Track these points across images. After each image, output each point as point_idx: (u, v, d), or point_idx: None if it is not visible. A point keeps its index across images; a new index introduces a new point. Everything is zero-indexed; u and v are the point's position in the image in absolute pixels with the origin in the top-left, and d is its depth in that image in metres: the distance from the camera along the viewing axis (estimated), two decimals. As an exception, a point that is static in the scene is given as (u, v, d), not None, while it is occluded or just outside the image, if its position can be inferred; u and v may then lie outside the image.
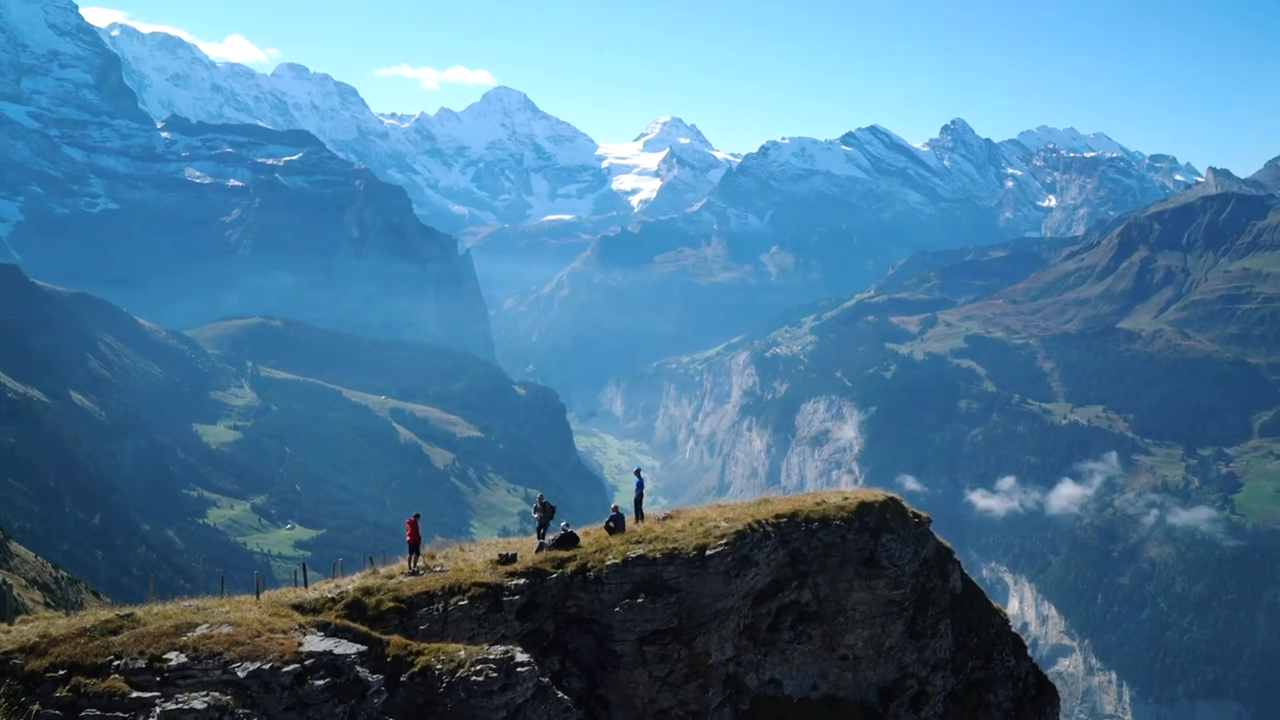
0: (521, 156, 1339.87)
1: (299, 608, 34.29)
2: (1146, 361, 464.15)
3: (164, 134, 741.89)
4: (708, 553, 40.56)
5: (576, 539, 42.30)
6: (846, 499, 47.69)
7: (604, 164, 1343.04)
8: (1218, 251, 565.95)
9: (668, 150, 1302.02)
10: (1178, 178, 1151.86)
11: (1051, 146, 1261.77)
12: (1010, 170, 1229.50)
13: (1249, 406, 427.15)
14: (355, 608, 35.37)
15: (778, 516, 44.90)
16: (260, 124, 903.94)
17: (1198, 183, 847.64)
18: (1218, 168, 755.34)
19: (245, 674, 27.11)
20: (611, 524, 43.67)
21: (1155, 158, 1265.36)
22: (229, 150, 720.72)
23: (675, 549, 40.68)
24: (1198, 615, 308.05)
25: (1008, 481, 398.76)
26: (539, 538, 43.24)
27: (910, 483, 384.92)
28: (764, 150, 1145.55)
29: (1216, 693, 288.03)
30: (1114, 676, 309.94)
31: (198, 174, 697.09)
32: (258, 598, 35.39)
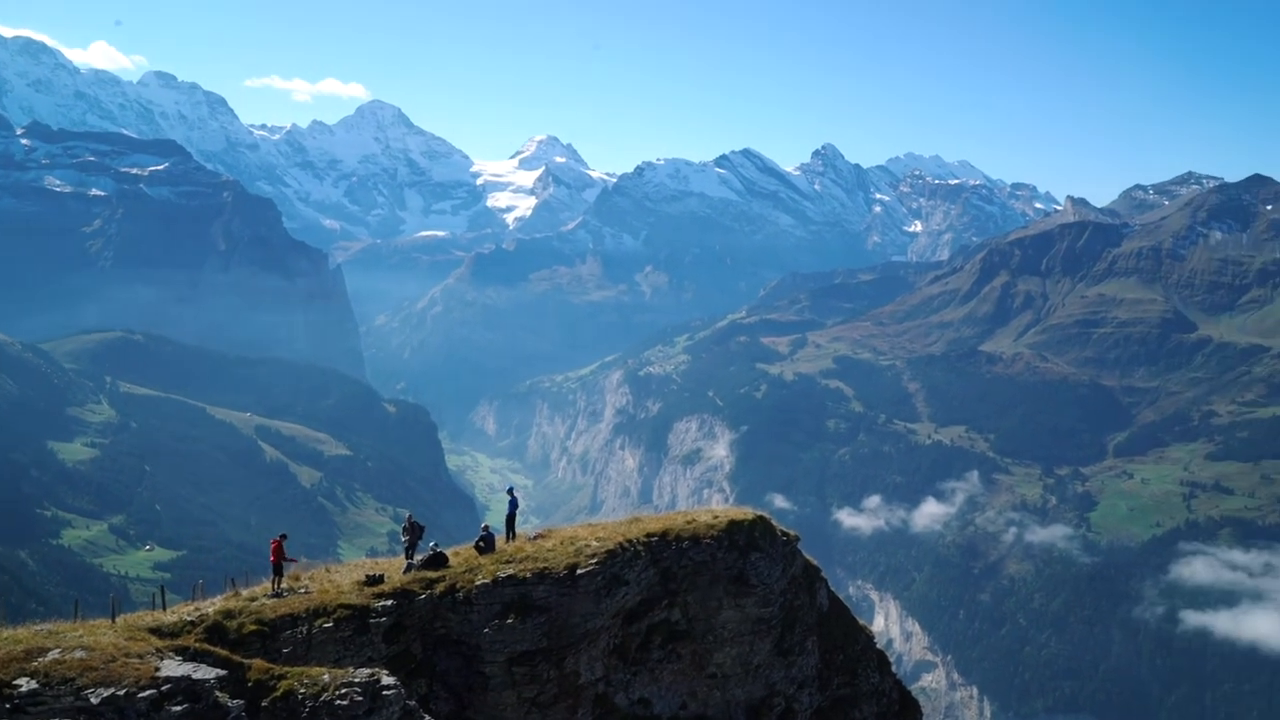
0: (395, 171, 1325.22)
1: (156, 631, 33.31)
2: (1007, 383, 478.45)
3: (23, 141, 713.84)
4: (578, 572, 40.51)
5: (446, 559, 41.88)
6: (717, 517, 48.03)
7: (479, 181, 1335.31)
8: (1075, 277, 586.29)
9: (543, 169, 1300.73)
10: (1038, 205, 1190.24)
11: (918, 173, 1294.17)
12: (878, 195, 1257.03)
13: (1103, 427, 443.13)
14: (216, 631, 34.48)
15: (649, 535, 45.06)
16: (125, 133, 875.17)
17: (1056, 211, 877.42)
18: (1076, 196, 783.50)
19: (99, 700, 26.21)
20: (481, 544, 43.36)
21: (1016, 186, 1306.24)
22: (91, 159, 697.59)
23: (546, 568, 40.57)
24: (1055, 631, 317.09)
25: (874, 500, 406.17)
26: (407, 558, 42.68)
27: (780, 501, 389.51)
28: (639, 171, 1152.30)
29: (1074, 707, 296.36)
30: (975, 691, 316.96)
31: (58, 182, 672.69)
32: (113, 621, 34.24)
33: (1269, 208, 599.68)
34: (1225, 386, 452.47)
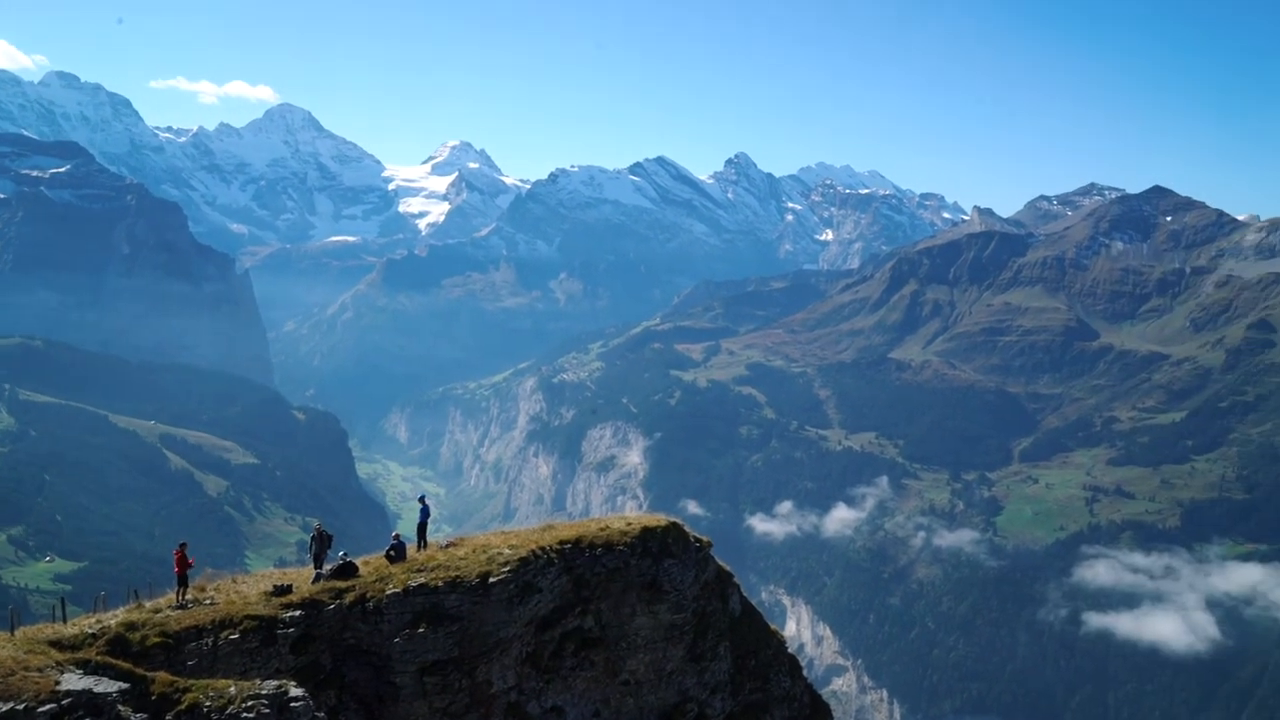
0: (305, 175, 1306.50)
1: (57, 644, 32.49)
2: (916, 390, 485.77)
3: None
4: (491, 580, 40.27)
5: (355, 568, 41.37)
6: (630, 524, 48.11)
7: (391, 186, 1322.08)
8: (981, 286, 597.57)
9: (456, 174, 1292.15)
10: (945, 215, 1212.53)
11: (829, 183, 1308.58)
12: (790, 204, 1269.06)
13: (1009, 433, 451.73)
14: (118, 644, 33.70)
15: (562, 543, 44.96)
16: (26, 134, 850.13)
17: (964, 220, 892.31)
18: (982, 207, 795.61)
19: (-6, 717, 25.50)
20: (392, 552, 42.93)
21: (925, 196, 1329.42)
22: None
23: (458, 577, 40.27)
24: (963, 633, 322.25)
25: (786, 506, 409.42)
26: (316, 568, 42.12)
27: (693, 507, 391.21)
28: (553, 177, 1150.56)
29: (981, 708, 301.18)
30: (885, 694, 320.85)
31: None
32: (12, 634, 33.36)
33: (1168, 219, 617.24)
34: (1126, 393, 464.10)
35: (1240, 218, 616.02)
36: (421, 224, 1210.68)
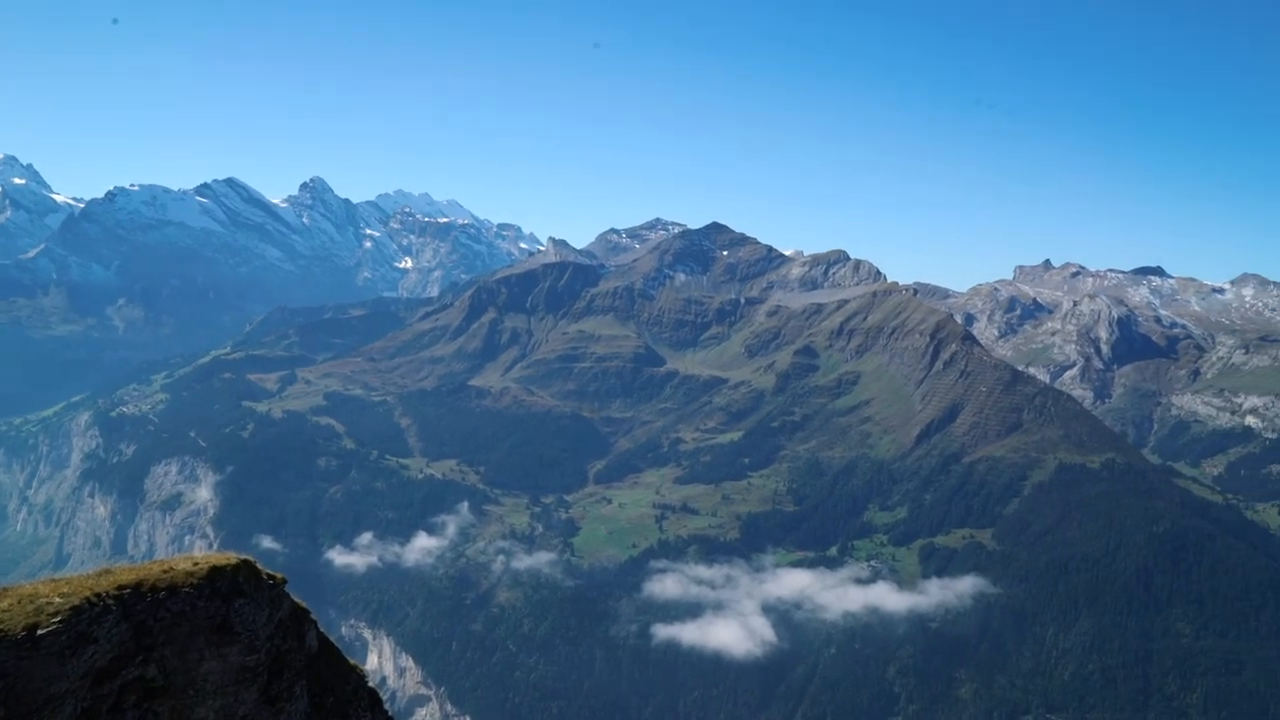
0: None
1: None
2: (496, 416, 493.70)
3: None
4: (39, 633, 36.94)
5: (-126, 629, 36.86)
6: (197, 564, 45.65)
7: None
8: (557, 314, 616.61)
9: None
10: (522, 245, 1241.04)
11: (408, 210, 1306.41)
12: (369, 231, 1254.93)
13: (584, 456, 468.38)
14: None
15: (120, 588, 41.93)
16: None
17: (540, 251, 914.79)
18: (557, 238, 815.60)
19: None
20: (-80, 609, 38.57)
21: (503, 226, 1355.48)
22: None
23: (0, 631, 36.76)
24: (543, 654, 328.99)
25: (366, 537, 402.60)
26: None
27: (268, 543, 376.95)
28: (111, 196, 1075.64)
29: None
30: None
31: None
32: None
33: (725, 253, 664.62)
34: (690, 415, 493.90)
35: (787, 253, 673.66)
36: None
